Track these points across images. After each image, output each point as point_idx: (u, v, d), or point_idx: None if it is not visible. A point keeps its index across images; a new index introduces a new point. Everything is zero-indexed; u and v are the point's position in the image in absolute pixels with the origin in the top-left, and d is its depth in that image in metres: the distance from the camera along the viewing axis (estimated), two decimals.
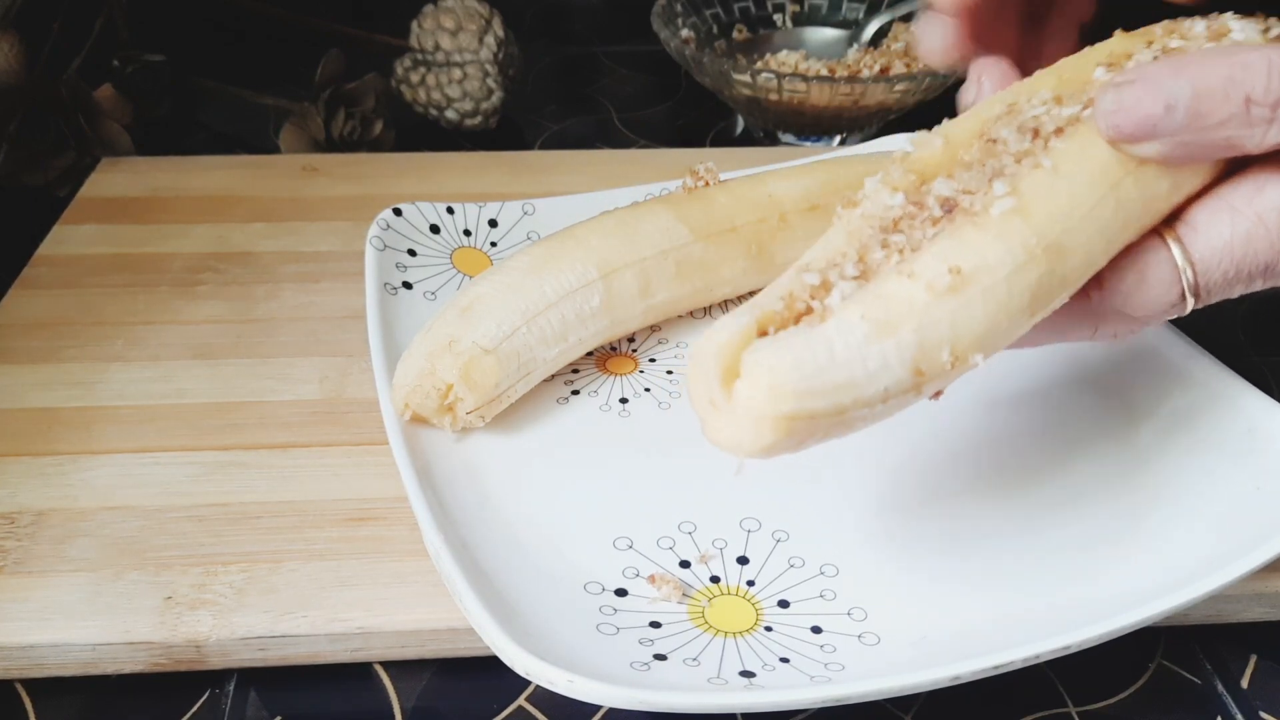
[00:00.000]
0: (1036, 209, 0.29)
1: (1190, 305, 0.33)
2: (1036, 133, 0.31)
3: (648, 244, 0.43)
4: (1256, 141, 0.30)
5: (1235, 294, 0.33)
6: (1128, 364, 0.44)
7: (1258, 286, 0.33)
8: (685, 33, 0.71)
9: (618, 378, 0.44)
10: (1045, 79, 0.34)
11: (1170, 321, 0.44)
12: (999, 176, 0.30)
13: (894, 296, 0.28)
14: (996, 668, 0.30)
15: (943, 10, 0.37)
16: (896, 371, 0.28)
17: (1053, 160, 0.30)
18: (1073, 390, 0.44)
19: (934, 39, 0.38)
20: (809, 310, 0.29)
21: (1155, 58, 0.32)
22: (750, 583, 0.35)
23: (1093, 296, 0.32)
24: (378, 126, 0.66)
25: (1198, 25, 0.34)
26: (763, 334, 0.29)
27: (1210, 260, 0.32)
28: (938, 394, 0.30)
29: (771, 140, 0.69)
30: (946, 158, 0.32)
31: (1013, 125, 0.32)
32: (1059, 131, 0.31)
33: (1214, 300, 0.33)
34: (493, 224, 0.50)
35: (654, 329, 0.47)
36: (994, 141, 0.32)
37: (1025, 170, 0.30)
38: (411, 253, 0.47)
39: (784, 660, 0.32)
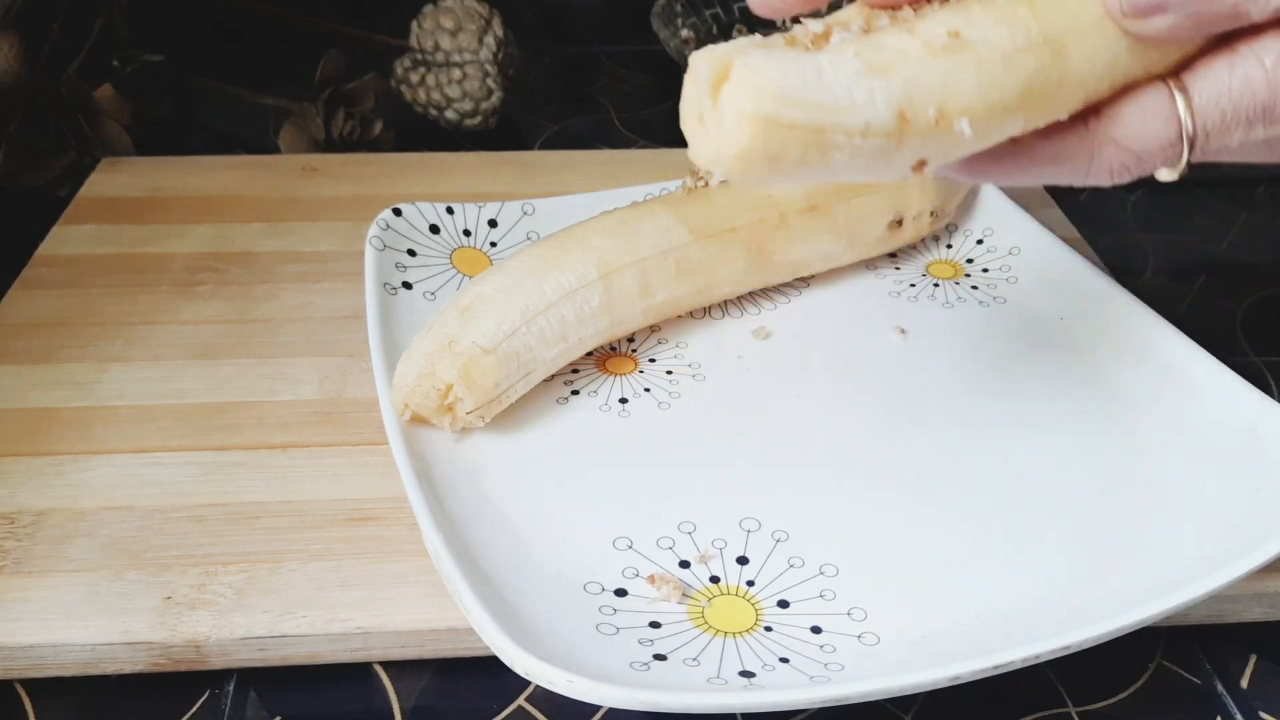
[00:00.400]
0: (1043, 4, 0.30)
1: (1186, 154, 0.33)
2: None
3: (647, 244, 0.43)
4: (1260, 7, 0.30)
5: (1234, 142, 0.33)
6: (1127, 363, 0.44)
7: (1259, 134, 0.33)
8: (685, 33, 0.71)
9: (617, 378, 0.44)
10: None
11: (1170, 321, 0.44)
12: None
13: (891, 47, 0.28)
14: (996, 668, 0.30)
15: None
16: (881, 109, 0.28)
17: None
18: (1072, 390, 0.44)
19: None
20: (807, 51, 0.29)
21: None
22: (750, 583, 0.35)
23: (1090, 123, 0.33)
24: (378, 126, 0.66)
25: None
26: None
27: (1208, 101, 0.32)
28: (922, 165, 0.30)
29: None
30: None
31: None
32: None
33: (1212, 149, 0.33)
34: (492, 224, 0.50)
35: (654, 329, 0.47)
36: None
37: None
38: (411, 253, 0.47)
39: (784, 660, 0.32)
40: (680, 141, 0.32)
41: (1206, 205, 0.66)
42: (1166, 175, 0.34)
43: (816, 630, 0.34)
